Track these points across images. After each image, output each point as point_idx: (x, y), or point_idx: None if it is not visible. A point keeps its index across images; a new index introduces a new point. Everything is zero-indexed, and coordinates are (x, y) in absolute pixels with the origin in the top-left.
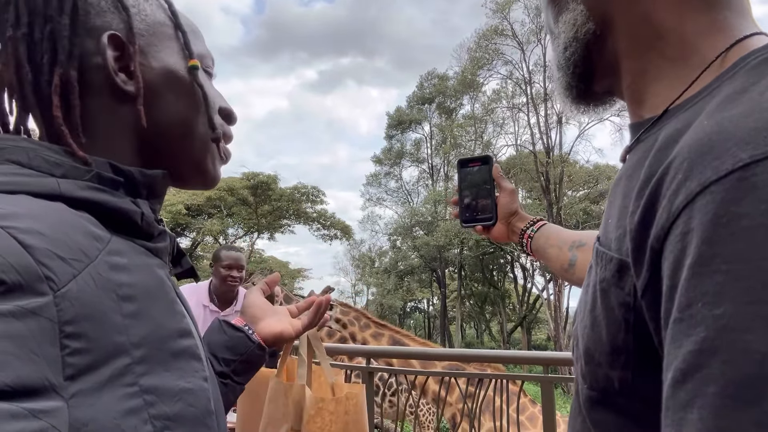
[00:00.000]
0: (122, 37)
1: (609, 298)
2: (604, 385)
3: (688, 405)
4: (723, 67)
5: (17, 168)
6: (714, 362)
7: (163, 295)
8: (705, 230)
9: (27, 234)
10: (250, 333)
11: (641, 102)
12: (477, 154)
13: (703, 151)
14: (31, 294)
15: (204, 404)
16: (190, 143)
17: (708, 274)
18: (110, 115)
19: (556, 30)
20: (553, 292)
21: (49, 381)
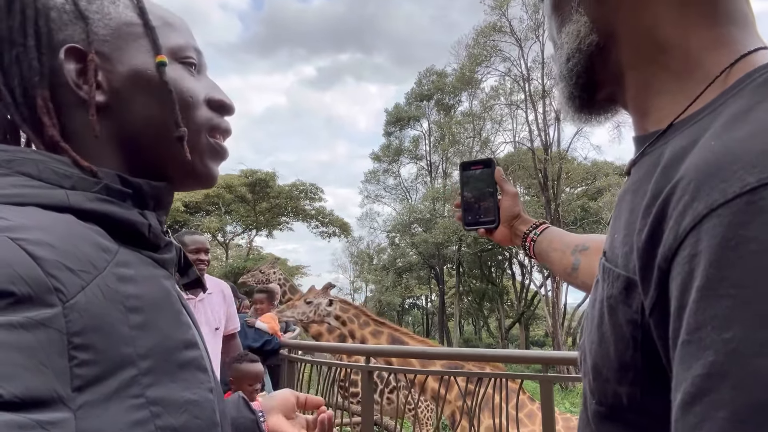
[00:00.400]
0: (82, 48)
1: (616, 315)
2: (612, 401)
3: (696, 428)
4: (727, 83)
5: (27, 180)
6: (723, 387)
7: (169, 307)
8: (713, 253)
9: (36, 246)
10: (261, 420)
11: (645, 115)
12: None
13: (710, 172)
14: (41, 305)
15: (209, 416)
16: (170, 143)
17: (716, 297)
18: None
19: (559, 40)
20: (551, 289)
21: (57, 392)
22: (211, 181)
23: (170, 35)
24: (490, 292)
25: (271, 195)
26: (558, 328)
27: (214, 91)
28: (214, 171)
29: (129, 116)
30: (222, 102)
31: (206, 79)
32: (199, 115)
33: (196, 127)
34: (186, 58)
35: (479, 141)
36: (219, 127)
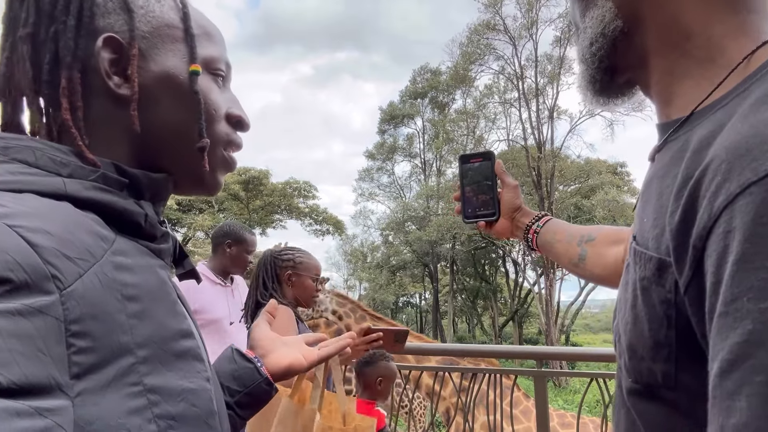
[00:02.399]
0: (121, 39)
1: (650, 296)
2: (647, 379)
3: (735, 393)
4: (749, 70)
5: (24, 167)
6: (761, 353)
7: (165, 296)
8: (747, 229)
9: (34, 233)
10: (260, 366)
11: (669, 101)
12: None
13: (741, 153)
14: (38, 293)
15: (206, 404)
16: (187, 150)
17: (752, 270)
18: (108, 117)
19: (582, 24)
20: (545, 287)
21: (55, 379)
22: (216, 190)
23: (207, 45)
24: (483, 290)
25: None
26: (551, 326)
27: (234, 106)
28: (221, 181)
29: (151, 116)
30: (240, 118)
31: (229, 92)
32: (219, 129)
33: (215, 140)
34: (217, 70)
35: (473, 139)
36: (234, 143)
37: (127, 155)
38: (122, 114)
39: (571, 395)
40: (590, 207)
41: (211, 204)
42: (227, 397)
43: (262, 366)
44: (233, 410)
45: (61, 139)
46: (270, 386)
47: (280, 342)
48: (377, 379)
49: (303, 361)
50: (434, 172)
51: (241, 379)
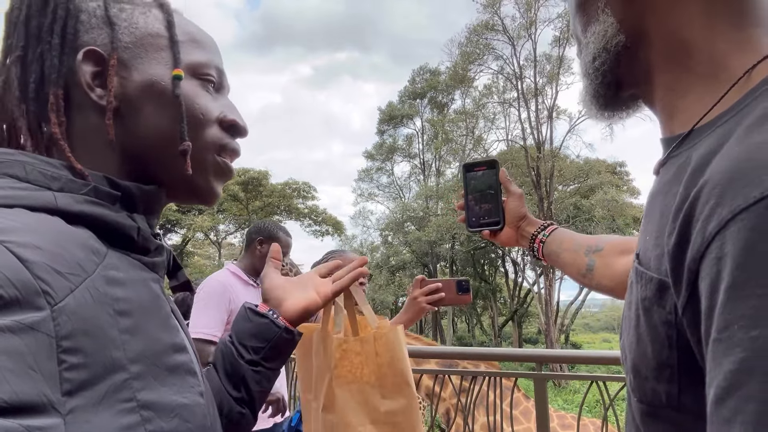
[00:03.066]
0: (102, 51)
1: (652, 316)
2: (651, 398)
3: (730, 421)
4: (750, 84)
5: (14, 182)
6: (752, 381)
7: (157, 310)
8: (738, 256)
9: (24, 248)
10: (275, 318)
11: (672, 116)
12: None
13: (733, 177)
14: (29, 309)
15: (200, 420)
16: (173, 156)
17: (743, 298)
18: (95, 130)
19: (584, 39)
20: (544, 286)
21: (46, 397)
22: (212, 198)
23: (193, 51)
24: (483, 290)
25: (264, 193)
26: (551, 326)
27: (228, 111)
28: (216, 189)
29: (136, 124)
30: (234, 123)
31: (224, 99)
32: (209, 133)
33: (204, 144)
34: (205, 75)
35: (472, 139)
36: (227, 148)
37: (118, 167)
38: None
39: (570, 395)
40: (589, 207)
41: None
42: (252, 354)
43: (278, 317)
44: (263, 366)
45: (52, 153)
46: (291, 334)
47: (292, 285)
48: None
49: (317, 298)
50: (433, 173)
51: (261, 335)
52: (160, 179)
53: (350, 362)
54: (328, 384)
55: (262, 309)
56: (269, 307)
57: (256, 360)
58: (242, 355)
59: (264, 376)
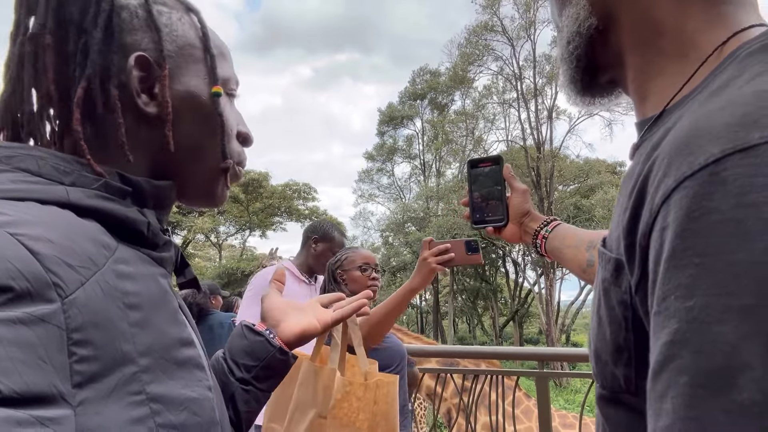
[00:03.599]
0: (150, 58)
1: (610, 298)
2: (611, 384)
3: (663, 395)
4: (719, 61)
5: (26, 176)
6: (685, 353)
7: (166, 305)
8: (678, 225)
9: (35, 241)
10: (271, 337)
11: (644, 99)
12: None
13: (680, 148)
14: (40, 301)
15: (209, 414)
16: (202, 168)
17: (681, 267)
18: (129, 133)
19: (560, 23)
20: (545, 286)
21: (56, 388)
22: (221, 203)
23: (222, 65)
24: (483, 291)
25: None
26: (552, 326)
27: (241, 123)
28: (226, 195)
29: (173, 134)
30: (247, 136)
31: (236, 109)
32: (233, 147)
33: (230, 158)
34: (231, 90)
35: (472, 140)
36: (242, 161)
37: (142, 169)
38: (143, 131)
39: (572, 395)
40: (589, 207)
41: None
42: (243, 373)
43: (275, 337)
44: (253, 385)
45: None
46: (285, 355)
47: (293, 308)
48: None
49: (317, 324)
50: (434, 173)
51: (254, 354)
52: (179, 181)
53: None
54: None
55: (260, 328)
56: (267, 327)
57: (246, 378)
58: (233, 372)
59: (253, 396)
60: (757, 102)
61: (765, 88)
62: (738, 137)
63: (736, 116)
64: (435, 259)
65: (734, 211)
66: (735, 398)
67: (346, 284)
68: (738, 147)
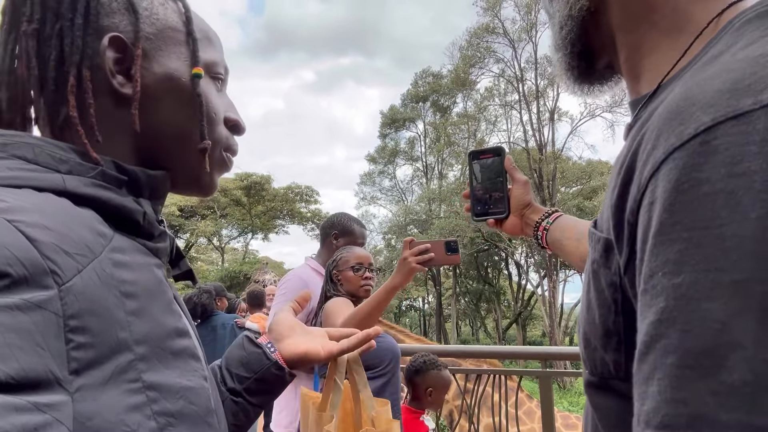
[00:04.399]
0: (126, 39)
1: (599, 280)
2: (601, 369)
3: (649, 377)
4: (713, 34)
5: (23, 163)
6: (672, 332)
7: (161, 295)
8: (667, 198)
9: (33, 228)
10: (271, 351)
11: (638, 77)
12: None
13: (671, 117)
14: (37, 287)
15: (205, 402)
16: (187, 151)
17: (668, 242)
18: (108, 116)
19: (551, 9)
20: (548, 288)
21: (53, 374)
22: (211, 191)
23: (207, 49)
24: (486, 293)
25: (267, 198)
26: (555, 328)
27: (231, 110)
28: (216, 183)
29: (153, 116)
30: (237, 122)
31: (226, 96)
32: (219, 132)
33: (215, 142)
34: (216, 74)
35: (474, 142)
36: (231, 147)
37: (128, 153)
38: (124, 113)
39: (575, 397)
40: (592, 208)
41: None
42: (235, 383)
43: (274, 351)
44: (243, 398)
45: (63, 136)
46: (281, 371)
47: (301, 330)
48: (427, 389)
49: (320, 350)
50: (436, 176)
51: (249, 365)
52: (168, 168)
53: None
54: None
55: (261, 340)
56: (269, 340)
57: (237, 390)
58: (225, 381)
59: (242, 408)
60: (750, 67)
61: (759, 53)
62: (730, 104)
63: (728, 82)
64: (415, 259)
65: (725, 182)
66: (724, 379)
67: (342, 284)
68: (730, 114)
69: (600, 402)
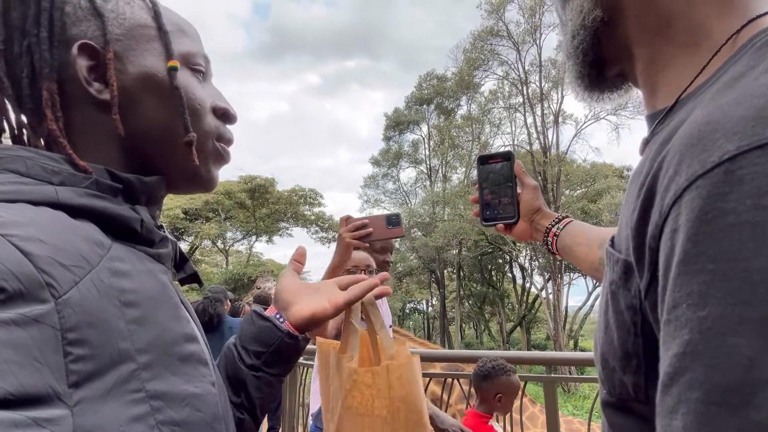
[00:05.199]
0: (95, 44)
1: (618, 301)
2: (619, 391)
3: (673, 411)
4: (733, 50)
5: (16, 177)
6: (698, 366)
7: (167, 300)
8: (691, 227)
9: (27, 241)
10: (280, 322)
11: (654, 91)
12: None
13: (692, 143)
14: (33, 301)
15: (212, 409)
16: (175, 147)
17: (693, 273)
18: (94, 124)
19: (564, 17)
20: (552, 292)
21: (52, 389)
22: (211, 185)
23: (182, 40)
24: (491, 296)
25: (271, 201)
26: (559, 331)
27: (219, 99)
28: (215, 176)
29: (135, 117)
30: (226, 110)
31: (211, 86)
32: (208, 122)
33: (204, 133)
34: (195, 64)
35: (478, 144)
36: (224, 135)
37: (118, 160)
38: (107, 119)
39: (580, 401)
40: (597, 211)
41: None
42: (253, 359)
43: (284, 321)
44: (264, 371)
45: (52, 148)
46: (294, 339)
47: (305, 290)
48: (496, 394)
49: (327, 306)
50: (440, 178)
51: (262, 339)
52: (161, 170)
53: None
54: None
55: (269, 312)
56: (276, 310)
57: (256, 365)
58: (243, 359)
59: (264, 382)
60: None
61: None
62: (755, 132)
63: (753, 109)
64: (350, 234)
65: (751, 213)
66: (753, 417)
67: None
68: (755, 143)
69: (618, 422)
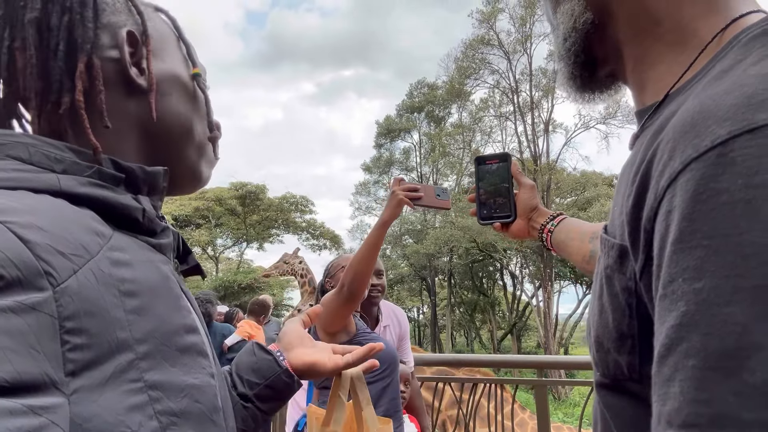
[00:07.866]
0: (137, 35)
1: (613, 285)
2: (614, 371)
3: (670, 379)
4: (719, 48)
5: (18, 164)
6: (694, 335)
7: (167, 291)
8: (686, 207)
9: (26, 229)
10: (280, 358)
11: (644, 88)
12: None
13: (686, 130)
14: (31, 289)
15: (211, 400)
16: (189, 144)
17: (688, 249)
18: (118, 109)
19: (554, 21)
20: (543, 299)
21: (49, 377)
22: (204, 183)
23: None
24: (481, 303)
25: (262, 207)
26: (550, 339)
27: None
28: (209, 175)
29: (161, 107)
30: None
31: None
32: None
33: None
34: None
35: (469, 152)
36: (216, 140)
37: (131, 147)
38: (132, 104)
39: (570, 408)
40: (587, 219)
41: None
42: (246, 389)
43: (284, 359)
44: (253, 403)
45: (60, 132)
46: (291, 378)
47: (309, 341)
48: None
49: (327, 363)
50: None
51: (260, 371)
52: (168, 163)
53: None
54: None
55: (272, 348)
56: (279, 349)
57: (249, 395)
58: (236, 386)
59: (251, 414)
60: (763, 84)
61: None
62: (745, 118)
63: (743, 98)
64: (403, 193)
65: (743, 192)
66: (746, 379)
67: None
68: (745, 128)
69: (613, 402)
